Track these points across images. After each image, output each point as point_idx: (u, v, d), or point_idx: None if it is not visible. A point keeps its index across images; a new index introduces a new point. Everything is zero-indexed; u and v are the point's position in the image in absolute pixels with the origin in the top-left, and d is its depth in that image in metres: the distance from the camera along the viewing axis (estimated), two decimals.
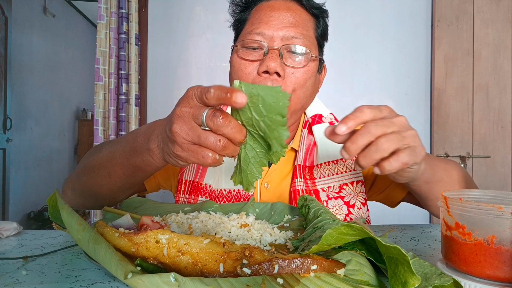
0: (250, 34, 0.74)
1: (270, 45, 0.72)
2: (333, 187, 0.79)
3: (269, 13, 0.74)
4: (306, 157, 0.82)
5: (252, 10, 0.78)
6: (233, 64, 0.77)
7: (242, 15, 0.80)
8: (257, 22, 0.74)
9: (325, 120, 0.86)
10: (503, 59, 2.23)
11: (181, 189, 0.81)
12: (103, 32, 2.12)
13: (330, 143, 0.81)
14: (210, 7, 2.31)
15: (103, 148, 0.69)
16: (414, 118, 2.36)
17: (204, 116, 0.41)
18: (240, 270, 0.32)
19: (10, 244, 0.51)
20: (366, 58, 2.34)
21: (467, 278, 0.37)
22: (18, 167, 3.51)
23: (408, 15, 2.35)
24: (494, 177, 2.22)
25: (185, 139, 0.43)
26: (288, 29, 0.73)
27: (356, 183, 0.79)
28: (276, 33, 0.72)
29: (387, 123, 0.52)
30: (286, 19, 0.74)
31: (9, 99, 3.27)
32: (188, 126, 0.43)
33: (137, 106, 2.18)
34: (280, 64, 0.70)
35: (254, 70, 0.73)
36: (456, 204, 0.38)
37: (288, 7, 0.75)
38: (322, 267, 0.33)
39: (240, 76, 0.74)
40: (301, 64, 0.73)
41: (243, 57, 0.74)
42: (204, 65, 2.31)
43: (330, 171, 0.80)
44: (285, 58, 0.72)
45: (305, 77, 0.73)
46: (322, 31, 0.80)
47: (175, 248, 0.34)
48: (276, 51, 0.71)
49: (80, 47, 4.88)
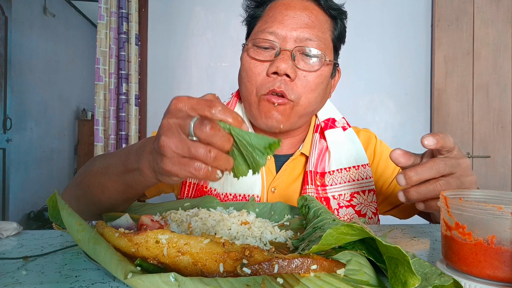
0: (262, 32, 0.71)
1: (282, 45, 0.69)
2: (344, 195, 0.76)
3: (284, 11, 0.71)
4: (317, 163, 0.79)
5: (267, 7, 0.75)
6: (243, 63, 0.74)
7: (256, 11, 0.77)
8: (271, 21, 0.71)
9: (338, 125, 0.83)
10: (503, 59, 2.23)
11: (184, 191, 0.78)
12: (103, 32, 2.12)
13: (344, 149, 0.80)
14: (210, 7, 2.31)
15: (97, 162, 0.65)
16: (414, 118, 2.36)
17: (191, 126, 0.38)
18: (240, 270, 0.32)
19: (10, 244, 0.51)
20: (366, 58, 2.34)
21: (467, 278, 0.37)
22: (18, 167, 3.52)
23: (408, 15, 2.35)
24: (494, 177, 2.22)
25: (175, 151, 0.39)
26: (302, 30, 0.69)
27: (368, 192, 0.77)
28: (289, 34, 0.69)
29: (454, 163, 0.52)
30: (302, 19, 0.70)
31: (9, 99, 3.27)
32: (177, 138, 0.38)
33: (137, 106, 2.18)
34: (291, 66, 0.68)
35: (264, 70, 0.70)
36: (456, 204, 0.38)
37: (305, 7, 0.72)
38: (322, 267, 0.33)
39: (249, 75, 0.71)
40: (313, 67, 0.70)
41: (253, 56, 0.71)
42: (204, 65, 2.31)
43: (342, 178, 0.78)
44: (297, 60, 0.69)
45: (317, 82, 0.71)
46: (339, 34, 0.76)
47: (175, 248, 0.34)
48: (288, 53, 0.68)
49: (80, 47, 4.88)
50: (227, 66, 2.30)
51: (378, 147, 0.85)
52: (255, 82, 0.71)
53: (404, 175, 0.51)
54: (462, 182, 0.53)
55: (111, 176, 0.59)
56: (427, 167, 0.51)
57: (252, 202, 0.68)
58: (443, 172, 0.51)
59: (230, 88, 2.29)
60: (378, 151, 0.84)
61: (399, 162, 0.53)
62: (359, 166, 0.78)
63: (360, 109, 2.35)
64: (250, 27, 0.78)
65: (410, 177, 0.51)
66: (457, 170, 0.52)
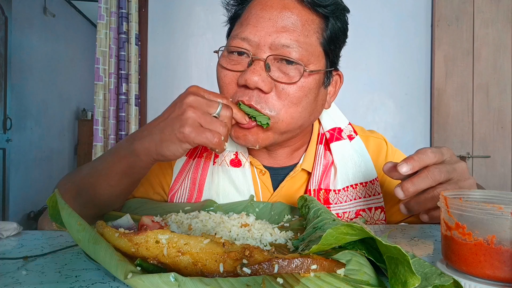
0: (234, 39, 0.61)
1: (255, 53, 0.59)
2: (349, 213, 0.70)
3: (259, 12, 0.60)
4: (321, 180, 0.71)
5: (247, 6, 0.65)
6: (217, 72, 0.65)
7: (236, 10, 0.68)
8: (245, 24, 0.61)
9: (344, 135, 0.75)
10: (503, 59, 2.23)
11: None
12: (103, 32, 2.12)
13: (351, 164, 0.72)
14: (210, 7, 2.31)
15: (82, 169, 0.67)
16: (414, 118, 2.36)
17: (220, 106, 0.53)
18: (240, 270, 0.32)
19: (10, 244, 0.51)
20: (366, 58, 2.34)
21: (467, 278, 0.37)
22: (18, 167, 3.51)
23: (408, 15, 2.35)
24: (494, 177, 2.22)
25: (198, 121, 0.50)
26: (278, 35, 0.58)
27: (374, 210, 0.71)
28: (263, 39, 0.59)
29: (449, 169, 0.52)
30: (279, 21, 0.59)
31: (9, 99, 3.27)
32: (201, 111, 0.51)
33: (137, 106, 2.18)
34: (264, 79, 0.58)
35: (234, 80, 0.61)
36: (456, 204, 0.38)
37: (284, 5, 0.60)
38: (322, 267, 0.33)
39: (221, 85, 0.64)
40: (292, 79, 0.59)
41: (223, 64, 0.62)
42: (204, 65, 2.31)
43: (348, 196, 0.71)
44: (273, 70, 0.59)
45: (298, 95, 0.60)
46: (331, 35, 0.64)
47: (175, 248, 0.34)
48: (261, 63, 0.58)
49: (80, 47, 4.88)
50: None
51: (390, 155, 0.79)
52: (226, 91, 0.63)
53: (401, 188, 0.51)
54: (461, 187, 0.53)
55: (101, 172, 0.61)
56: (422, 177, 0.51)
57: (252, 201, 0.68)
58: (439, 179, 0.51)
59: None
60: (390, 159, 0.78)
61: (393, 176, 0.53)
62: (367, 183, 0.72)
63: (360, 109, 2.35)
64: (230, 28, 0.70)
65: (407, 189, 0.51)
66: (453, 176, 0.53)
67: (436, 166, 0.52)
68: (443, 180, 0.52)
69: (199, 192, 0.71)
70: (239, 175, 0.70)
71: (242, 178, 0.70)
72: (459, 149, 2.24)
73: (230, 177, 0.70)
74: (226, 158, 0.72)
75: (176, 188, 0.73)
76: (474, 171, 2.23)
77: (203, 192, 0.70)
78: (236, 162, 0.71)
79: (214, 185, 0.70)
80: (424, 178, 0.51)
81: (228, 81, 0.62)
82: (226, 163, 0.71)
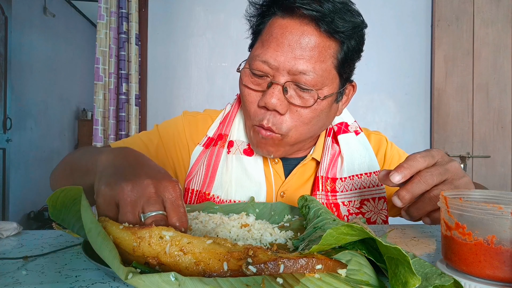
0: (255, 60, 0.66)
1: (274, 77, 0.65)
2: (354, 202, 0.75)
3: (279, 37, 0.64)
4: (329, 168, 0.77)
5: (268, 22, 0.68)
6: (240, 88, 0.72)
7: (257, 25, 0.72)
8: (266, 46, 0.65)
9: (351, 129, 0.81)
10: (503, 59, 2.23)
11: (187, 198, 0.77)
12: (103, 31, 2.12)
13: (357, 155, 0.78)
14: (210, 7, 2.31)
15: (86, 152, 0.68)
16: (414, 118, 2.36)
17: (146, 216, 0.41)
18: (245, 268, 0.32)
19: (10, 244, 0.51)
20: (366, 58, 2.33)
21: (467, 278, 0.37)
22: (18, 167, 3.52)
23: (408, 15, 2.35)
24: (494, 177, 2.22)
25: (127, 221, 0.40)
26: (296, 62, 0.63)
27: (378, 200, 0.75)
28: (282, 65, 0.63)
29: (442, 171, 0.52)
30: (297, 48, 0.63)
31: (9, 99, 3.27)
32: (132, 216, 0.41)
33: (137, 106, 2.18)
34: (281, 102, 0.64)
35: (256, 100, 0.68)
36: (456, 204, 0.38)
37: (303, 32, 0.63)
38: (327, 267, 0.33)
39: (244, 102, 0.70)
40: (307, 103, 0.65)
41: (246, 84, 0.69)
42: (204, 65, 2.31)
43: (354, 185, 0.76)
44: (290, 94, 0.65)
45: (310, 116, 0.67)
46: (345, 57, 0.67)
47: (178, 246, 0.34)
48: (279, 87, 0.64)
49: (80, 47, 4.88)
50: (227, 66, 2.30)
51: (388, 151, 0.84)
52: (249, 110, 0.69)
53: (398, 196, 0.52)
54: (457, 186, 0.54)
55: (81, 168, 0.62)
56: (415, 183, 0.52)
57: (252, 202, 0.68)
58: (433, 182, 0.52)
59: (230, 88, 2.29)
60: (389, 155, 0.84)
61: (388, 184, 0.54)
62: (371, 173, 0.77)
63: (360, 109, 2.36)
64: (253, 41, 0.74)
65: (403, 197, 0.52)
66: (447, 176, 0.53)
67: (428, 170, 0.52)
68: (437, 182, 0.52)
69: (211, 178, 0.76)
70: (252, 163, 0.76)
71: (255, 165, 0.76)
72: (459, 149, 2.24)
73: (242, 165, 0.76)
74: (240, 147, 0.78)
75: (193, 174, 0.78)
76: (474, 171, 2.23)
77: (215, 178, 0.76)
78: (249, 152, 0.78)
79: (228, 172, 0.76)
80: (417, 184, 0.52)
81: (251, 100, 0.69)
82: (239, 151, 0.77)
